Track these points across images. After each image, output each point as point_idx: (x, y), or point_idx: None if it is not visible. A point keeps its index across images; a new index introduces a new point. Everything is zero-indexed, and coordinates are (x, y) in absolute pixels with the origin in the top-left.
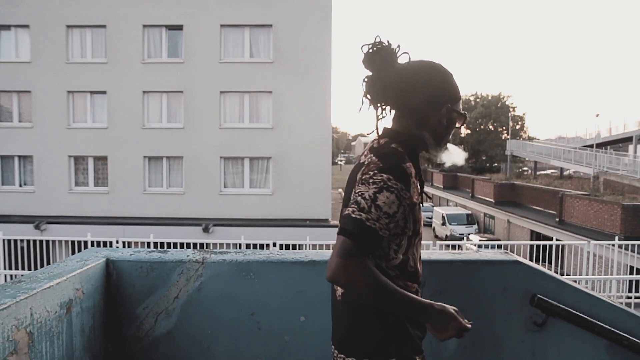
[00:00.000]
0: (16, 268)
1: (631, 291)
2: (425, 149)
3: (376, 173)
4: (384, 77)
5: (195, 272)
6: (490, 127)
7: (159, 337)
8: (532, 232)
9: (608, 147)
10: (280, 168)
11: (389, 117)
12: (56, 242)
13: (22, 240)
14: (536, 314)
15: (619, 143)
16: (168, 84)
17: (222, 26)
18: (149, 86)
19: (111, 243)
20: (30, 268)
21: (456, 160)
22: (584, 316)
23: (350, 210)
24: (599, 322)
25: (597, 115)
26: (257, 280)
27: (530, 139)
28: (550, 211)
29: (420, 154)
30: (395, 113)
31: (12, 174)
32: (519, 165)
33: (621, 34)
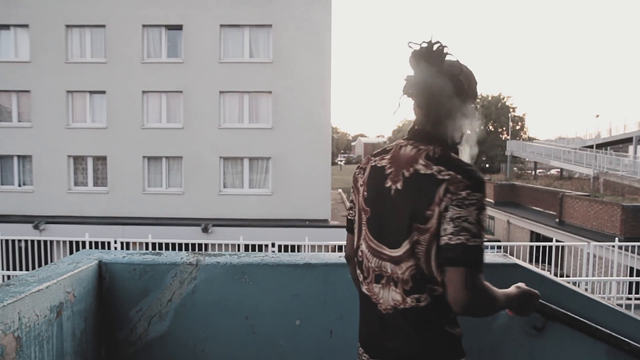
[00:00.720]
0: (14, 268)
1: (631, 293)
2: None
3: (470, 193)
4: (432, 79)
5: (189, 275)
6: (490, 128)
7: (152, 341)
8: (532, 233)
9: (608, 148)
10: (279, 168)
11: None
12: (54, 242)
13: (21, 240)
14: (535, 318)
15: (619, 144)
16: (167, 84)
17: (222, 26)
18: (149, 86)
19: (109, 243)
20: (28, 268)
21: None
22: (584, 320)
23: (463, 239)
24: (599, 326)
25: (597, 115)
26: (252, 283)
27: (530, 140)
28: (550, 212)
29: None
30: (431, 115)
31: (11, 174)
32: (520, 165)
33: (621, 35)
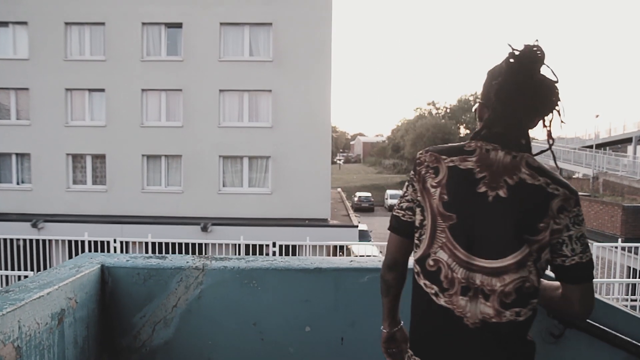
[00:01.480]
0: (12, 268)
1: (634, 294)
2: None
3: (579, 209)
4: (548, 84)
5: (195, 280)
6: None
7: (157, 348)
8: None
9: (607, 148)
10: (279, 167)
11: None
12: (53, 241)
13: (19, 239)
14: (553, 325)
15: (618, 144)
16: (167, 82)
17: (222, 24)
18: (148, 84)
19: (109, 242)
20: (26, 268)
21: None
22: (603, 327)
23: (589, 255)
24: (618, 334)
25: (597, 116)
26: (261, 288)
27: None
28: None
29: None
30: (523, 120)
31: (10, 172)
32: None
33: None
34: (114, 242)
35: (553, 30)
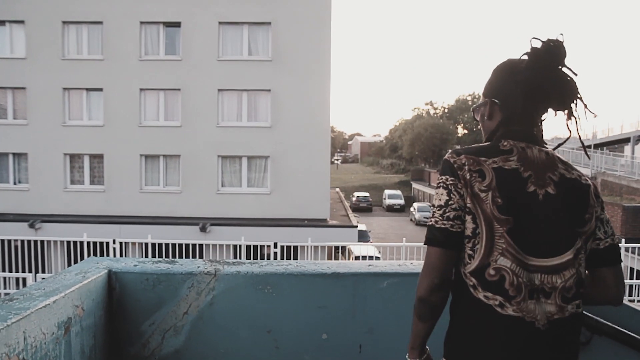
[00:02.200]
0: (10, 269)
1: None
2: None
3: (600, 196)
4: (573, 79)
5: (206, 286)
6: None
7: (166, 356)
8: None
9: (604, 148)
10: (278, 167)
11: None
12: (51, 242)
13: (17, 239)
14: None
15: (615, 144)
16: (165, 82)
17: (221, 23)
18: (146, 84)
19: (108, 243)
20: (24, 269)
21: None
22: (631, 334)
23: (617, 237)
24: None
25: (595, 116)
26: (275, 294)
27: None
28: None
29: None
30: (538, 117)
31: (7, 172)
32: None
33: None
34: (114, 243)
35: (551, 30)
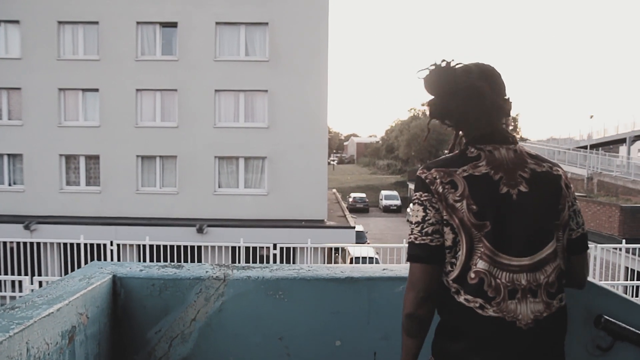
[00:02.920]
0: (5, 271)
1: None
2: None
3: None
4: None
5: (215, 291)
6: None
7: None
8: None
9: (599, 149)
10: (275, 168)
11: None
12: (48, 244)
13: (12, 242)
14: (600, 337)
15: (610, 144)
16: (162, 82)
17: (218, 24)
18: (143, 84)
19: (105, 245)
20: (20, 272)
21: None
22: None
23: (585, 227)
24: None
25: (592, 116)
26: (287, 299)
27: (523, 140)
28: None
29: None
30: (496, 116)
31: (2, 173)
32: None
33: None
34: (111, 245)
35: (549, 30)
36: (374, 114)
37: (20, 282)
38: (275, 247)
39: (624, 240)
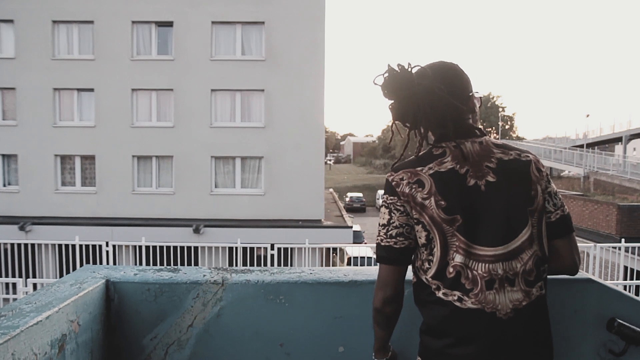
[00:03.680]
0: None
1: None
2: None
3: (545, 168)
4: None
5: (213, 296)
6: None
7: None
8: None
9: (595, 148)
10: (272, 168)
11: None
12: (42, 245)
13: (7, 243)
14: (612, 341)
15: (606, 143)
16: (158, 82)
17: (214, 23)
18: (138, 84)
19: (101, 246)
20: (14, 274)
21: None
22: None
23: (566, 208)
24: None
25: (588, 115)
26: (288, 304)
27: (519, 139)
28: None
29: None
30: (458, 111)
31: None
32: None
33: (612, 35)
34: (107, 246)
35: (543, 30)
36: (371, 114)
37: (14, 285)
38: (272, 248)
39: (623, 239)
